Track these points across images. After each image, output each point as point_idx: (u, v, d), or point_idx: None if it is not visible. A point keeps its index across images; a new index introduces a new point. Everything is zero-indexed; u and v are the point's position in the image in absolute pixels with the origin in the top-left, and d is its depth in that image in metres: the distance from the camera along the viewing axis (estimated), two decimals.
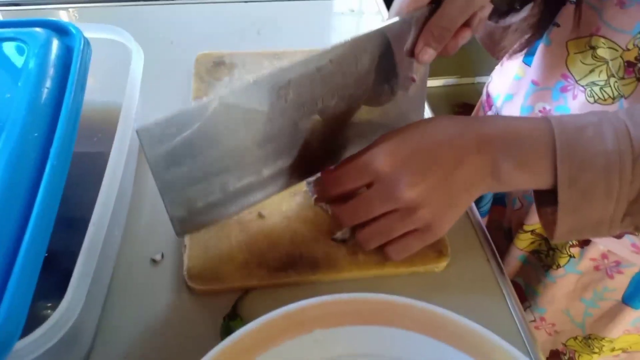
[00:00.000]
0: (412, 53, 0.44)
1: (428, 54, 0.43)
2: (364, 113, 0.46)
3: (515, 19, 0.54)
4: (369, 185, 0.42)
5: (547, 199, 0.41)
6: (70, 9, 0.70)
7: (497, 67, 0.67)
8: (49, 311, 0.34)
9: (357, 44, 0.40)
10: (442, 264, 0.45)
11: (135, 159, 0.50)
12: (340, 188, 0.43)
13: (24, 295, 0.29)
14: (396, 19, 0.41)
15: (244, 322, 0.39)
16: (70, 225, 0.39)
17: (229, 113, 0.38)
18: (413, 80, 0.46)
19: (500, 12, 0.54)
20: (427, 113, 0.59)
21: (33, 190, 0.32)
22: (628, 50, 0.48)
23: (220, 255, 0.44)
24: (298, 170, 0.45)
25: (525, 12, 0.53)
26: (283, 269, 0.44)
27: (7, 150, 0.32)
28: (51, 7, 0.70)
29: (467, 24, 0.43)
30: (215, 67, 0.60)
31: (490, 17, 0.52)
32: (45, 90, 0.36)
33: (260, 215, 0.46)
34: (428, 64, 0.45)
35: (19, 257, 0.29)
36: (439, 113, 0.51)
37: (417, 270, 0.45)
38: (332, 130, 0.45)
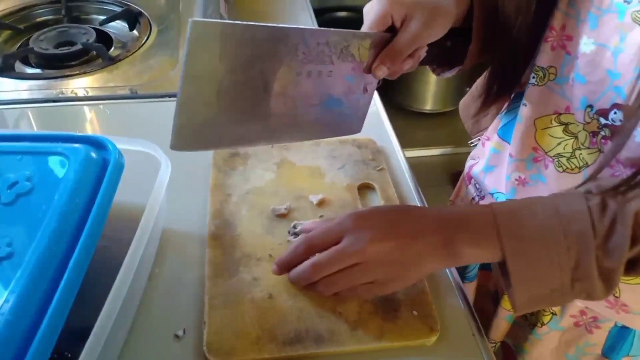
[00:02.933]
0: (369, 69, 0.55)
1: (382, 71, 0.54)
2: (328, 107, 0.56)
3: (448, 74, 0.65)
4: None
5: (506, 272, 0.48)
6: (102, 105, 0.79)
7: (478, 145, 0.74)
8: None
9: (344, 36, 0.51)
10: (433, 338, 0.50)
11: (156, 243, 0.57)
12: (312, 250, 0.51)
13: None
14: (370, 32, 0.53)
15: None
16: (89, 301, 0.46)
17: (257, 46, 0.46)
18: (365, 90, 0.58)
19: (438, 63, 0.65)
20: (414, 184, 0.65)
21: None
22: (588, 123, 0.55)
23: (236, 331, 0.50)
24: (279, 127, 0.54)
25: (453, 72, 0.64)
26: (291, 343, 0.49)
27: (35, 257, 0.40)
28: (86, 103, 0.79)
29: (411, 56, 0.54)
30: (231, 157, 0.68)
31: (434, 70, 0.66)
32: (78, 201, 0.43)
33: (271, 296, 0.52)
34: (376, 81, 0.58)
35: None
36: (437, 179, 0.60)
37: (410, 344, 0.50)
38: (307, 103, 0.54)
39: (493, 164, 0.69)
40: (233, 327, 0.50)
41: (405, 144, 0.76)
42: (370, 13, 0.54)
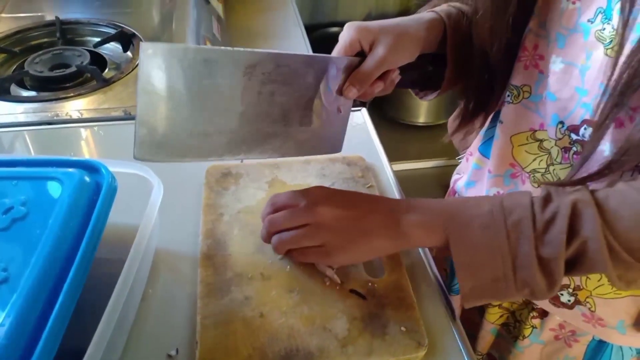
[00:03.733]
0: (341, 91, 0.58)
1: (352, 92, 0.57)
2: (299, 126, 0.59)
3: (430, 97, 0.68)
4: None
5: None
6: (96, 127, 0.81)
7: (462, 161, 0.76)
8: None
9: (309, 60, 0.55)
10: (421, 354, 0.51)
11: (149, 264, 0.58)
12: (274, 208, 0.56)
13: None
14: (338, 56, 0.57)
15: None
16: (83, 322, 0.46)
17: (211, 66, 0.49)
18: (339, 110, 0.61)
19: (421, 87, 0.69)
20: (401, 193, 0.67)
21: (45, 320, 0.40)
22: (560, 139, 0.56)
23: (228, 350, 0.50)
24: (246, 143, 0.56)
25: (434, 95, 0.67)
26: None
27: (30, 282, 0.41)
28: (80, 125, 0.81)
29: (381, 79, 0.58)
30: (223, 177, 0.69)
31: (417, 94, 0.69)
32: (72, 225, 0.45)
33: (262, 315, 0.53)
34: (350, 102, 0.61)
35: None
36: (430, 191, 0.63)
37: (399, 359, 0.51)
38: (274, 121, 0.57)
39: (474, 179, 0.71)
40: (225, 346, 0.51)
41: (399, 157, 0.79)
42: (341, 39, 0.57)
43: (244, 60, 0.51)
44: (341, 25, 2.22)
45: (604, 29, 0.50)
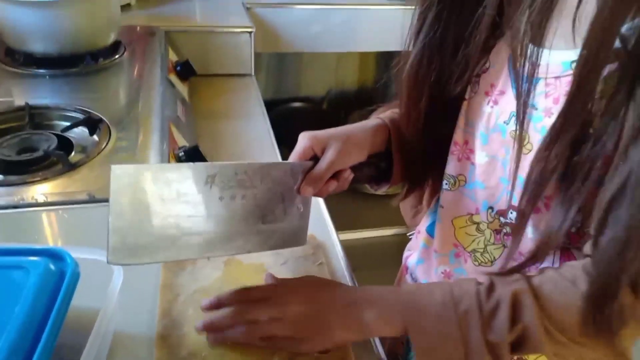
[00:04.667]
0: (299, 190, 0.65)
1: (308, 191, 0.64)
2: (262, 224, 0.64)
3: (383, 188, 0.76)
4: None
5: None
6: (60, 210, 0.85)
7: (413, 238, 0.83)
8: None
9: (266, 168, 0.61)
10: None
11: (107, 348, 0.61)
12: (244, 296, 0.62)
13: None
14: (294, 162, 0.65)
15: None
16: None
17: (173, 179, 0.56)
18: (299, 208, 0.67)
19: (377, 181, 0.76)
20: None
21: None
22: (491, 222, 0.63)
23: None
24: (212, 243, 0.61)
25: (385, 187, 0.75)
26: None
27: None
28: (45, 209, 0.85)
29: (334, 179, 0.65)
30: None
31: (372, 187, 0.77)
32: (36, 312, 0.49)
33: None
34: (310, 199, 0.68)
35: None
36: (392, 260, 0.72)
37: None
38: (238, 221, 0.62)
39: (423, 257, 0.77)
40: None
41: (360, 224, 0.86)
42: (296, 147, 0.65)
43: (204, 172, 0.57)
44: (303, 100, 2.33)
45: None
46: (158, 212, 0.56)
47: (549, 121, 0.53)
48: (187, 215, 0.58)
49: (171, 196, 0.56)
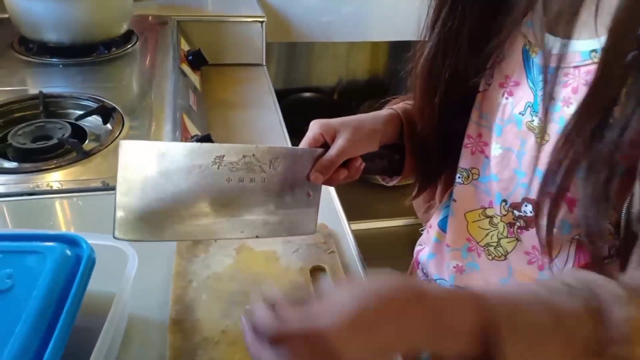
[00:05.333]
0: (309, 177, 0.64)
1: (318, 179, 0.63)
2: (271, 209, 0.64)
3: (394, 181, 0.75)
4: None
5: None
6: (75, 197, 0.86)
7: (424, 233, 0.83)
8: None
9: (275, 152, 0.61)
10: None
11: (122, 332, 0.62)
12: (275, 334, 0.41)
13: None
14: (304, 148, 0.64)
15: None
16: None
17: (181, 158, 0.56)
18: (309, 195, 0.66)
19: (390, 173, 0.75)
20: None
21: None
22: (504, 215, 0.63)
23: None
24: (219, 225, 0.61)
25: (395, 180, 0.74)
26: None
27: (15, 347, 0.46)
28: (60, 196, 0.86)
29: (345, 167, 0.64)
30: (194, 245, 0.74)
31: (384, 179, 0.76)
32: (53, 296, 0.50)
33: None
34: (320, 187, 0.66)
35: None
36: (402, 250, 0.69)
37: None
38: (246, 205, 0.62)
39: (435, 252, 0.77)
40: None
41: (371, 215, 0.85)
42: (307, 134, 0.65)
43: (212, 152, 0.58)
44: (313, 90, 2.33)
45: (533, 121, 0.58)
46: (165, 189, 0.56)
47: (567, 111, 0.53)
48: (194, 195, 0.58)
49: (179, 175, 0.57)
